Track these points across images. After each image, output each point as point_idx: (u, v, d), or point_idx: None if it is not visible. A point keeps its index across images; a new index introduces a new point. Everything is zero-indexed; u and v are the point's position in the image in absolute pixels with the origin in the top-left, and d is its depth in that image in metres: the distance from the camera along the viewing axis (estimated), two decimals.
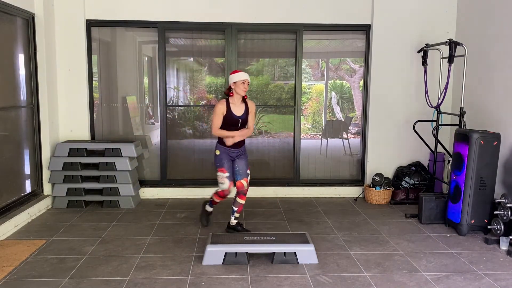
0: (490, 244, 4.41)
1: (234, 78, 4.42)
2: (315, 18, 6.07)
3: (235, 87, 4.42)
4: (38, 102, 5.56)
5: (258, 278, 3.65)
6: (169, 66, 6.24)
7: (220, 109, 4.44)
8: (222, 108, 4.45)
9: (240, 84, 4.41)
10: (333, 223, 5.09)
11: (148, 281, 3.58)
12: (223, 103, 4.47)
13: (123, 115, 6.29)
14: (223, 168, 4.50)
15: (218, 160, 4.53)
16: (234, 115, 4.47)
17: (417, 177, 5.95)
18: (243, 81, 4.41)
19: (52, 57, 5.75)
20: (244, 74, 4.45)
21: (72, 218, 5.18)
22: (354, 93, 6.55)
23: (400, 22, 6.03)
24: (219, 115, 4.45)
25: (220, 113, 4.45)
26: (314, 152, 6.57)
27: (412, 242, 4.49)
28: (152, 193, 6.14)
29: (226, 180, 4.48)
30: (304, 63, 6.34)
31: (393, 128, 6.19)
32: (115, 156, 5.61)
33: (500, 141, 4.63)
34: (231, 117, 4.46)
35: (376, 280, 3.63)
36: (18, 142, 5.32)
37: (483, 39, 5.37)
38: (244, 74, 4.44)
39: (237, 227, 4.67)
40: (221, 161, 4.51)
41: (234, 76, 4.43)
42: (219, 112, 4.44)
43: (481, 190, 4.61)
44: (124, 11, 5.93)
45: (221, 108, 4.45)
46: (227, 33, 6.10)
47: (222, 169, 4.50)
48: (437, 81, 5.92)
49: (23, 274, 3.68)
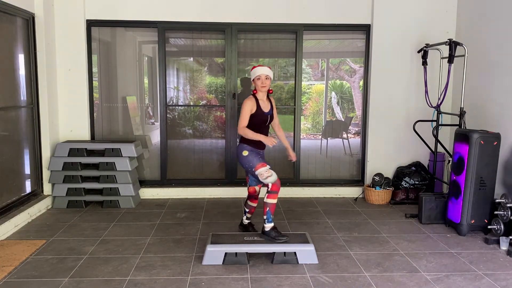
0: (490, 244, 4.41)
1: (251, 76, 4.23)
2: (315, 18, 6.07)
3: (254, 84, 4.21)
4: (38, 102, 5.56)
5: (258, 278, 3.65)
6: (169, 66, 6.24)
7: (249, 105, 4.13)
8: (251, 105, 4.14)
9: (256, 81, 4.18)
10: (333, 223, 5.09)
11: (148, 281, 3.58)
12: (252, 99, 4.18)
13: (123, 115, 6.29)
14: (260, 163, 4.09)
15: (248, 160, 4.13)
16: (264, 112, 4.21)
17: (417, 177, 5.95)
18: (258, 77, 4.16)
19: (52, 57, 5.75)
20: (260, 69, 4.17)
21: (72, 218, 5.18)
22: (354, 93, 6.55)
23: (400, 22, 6.03)
24: (247, 112, 4.13)
25: (249, 110, 4.13)
26: (314, 152, 6.57)
27: (412, 242, 4.49)
28: (152, 193, 6.14)
29: (271, 170, 4.06)
30: (304, 63, 6.34)
31: (393, 128, 6.19)
32: (115, 156, 5.61)
33: (500, 141, 4.63)
34: (262, 113, 4.19)
35: (376, 280, 3.63)
36: (18, 142, 5.32)
37: (483, 39, 5.37)
38: (260, 69, 4.17)
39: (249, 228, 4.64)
40: (253, 159, 4.12)
41: (251, 73, 4.23)
42: (248, 109, 4.13)
43: (481, 190, 4.61)
44: (124, 11, 5.93)
45: (250, 104, 4.14)
46: (227, 33, 6.10)
47: (261, 164, 4.08)
48: (437, 81, 5.92)
49: (23, 274, 3.68)
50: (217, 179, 6.37)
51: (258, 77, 4.16)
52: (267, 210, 4.06)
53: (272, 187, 4.03)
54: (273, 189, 4.03)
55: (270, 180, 4.02)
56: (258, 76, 4.15)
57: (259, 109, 4.19)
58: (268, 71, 4.18)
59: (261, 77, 4.15)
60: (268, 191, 4.05)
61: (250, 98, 4.19)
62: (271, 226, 4.07)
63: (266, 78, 4.15)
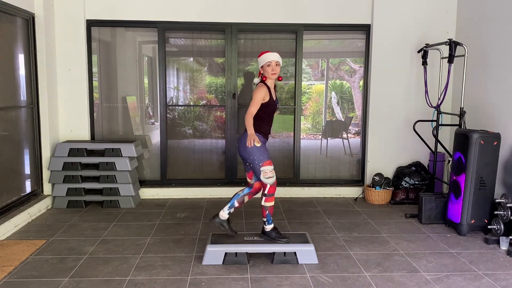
0: (490, 244, 4.41)
1: (260, 62, 3.97)
2: (315, 18, 6.07)
3: (263, 71, 3.96)
4: (38, 102, 5.56)
5: (258, 278, 3.65)
6: (169, 66, 6.24)
7: (262, 93, 3.86)
8: (264, 93, 3.88)
9: (266, 67, 3.92)
10: (333, 223, 5.09)
11: (148, 281, 3.58)
12: (264, 87, 3.91)
13: (123, 115, 6.29)
14: (269, 160, 3.90)
15: (260, 152, 3.86)
16: (274, 100, 4.01)
17: (417, 177, 5.95)
18: (269, 63, 3.91)
19: (52, 57, 5.75)
20: (270, 54, 3.92)
21: (72, 218, 5.18)
22: (354, 93, 6.55)
23: (400, 22, 6.03)
24: (259, 100, 3.85)
25: (261, 98, 3.86)
26: (314, 152, 6.57)
27: (412, 242, 4.48)
28: (152, 193, 6.14)
29: (274, 172, 3.93)
30: (304, 63, 6.34)
31: (393, 128, 6.19)
32: (115, 156, 5.61)
33: (500, 141, 4.63)
34: (274, 103, 3.98)
35: (376, 280, 3.63)
36: (18, 142, 5.31)
37: (483, 39, 5.37)
38: (270, 55, 3.92)
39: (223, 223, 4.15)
40: (264, 153, 3.87)
41: (260, 59, 3.96)
42: (260, 96, 3.85)
43: (481, 190, 4.61)
44: (124, 11, 5.93)
45: (263, 92, 3.87)
46: (227, 33, 6.10)
47: (269, 162, 3.90)
48: (437, 81, 5.92)
49: (23, 274, 3.68)
50: (217, 179, 6.37)
51: (268, 64, 3.92)
52: (266, 213, 3.99)
53: (270, 190, 3.93)
54: (270, 191, 3.93)
55: (271, 181, 3.91)
56: (268, 62, 3.92)
57: (271, 98, 3.97)
58: (278, 57, 3.96)
59: (271, 64, 3.92)
60: (265, 194, 3.94)
61: (262, 86, 3.93)
62: (272, 227, 4.06)
63: (276, 64, 3.93)
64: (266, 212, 3.99)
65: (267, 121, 4.04)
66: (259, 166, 3.87)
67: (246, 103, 6.22)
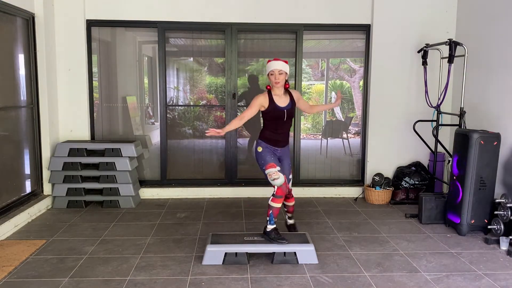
0: (490, 244, 4.41)
1: (266, 70, 4.06)
2: (315, 18, 6.07)
3: (269, 80, 4.06)
4: (38, 102, 5.56)
5: (258, 278, 3.65)
6: (169, 66, 6.24)
7: (258, 100, 4.01)
8: (261, 100, 4.01)
9: (270, 76, 4.01)
10: (333, 223, 5.09)
11: (148, 281, 3.58)
12: (264, 94, 4.04)
13: (123, 115, 6.29)
14: (271, 163, 3.98)
15: (261, 157, 4.04)
16: (279, 107, 4.02)
17: (417, 177, 5.95)
18: (271, 73, 3.98)
19: (52, 57, 5.75)
20: (272, 64, 3.99)
21: (72, 218, 5.18)
22: (354, 93, 6.55)
23: (400, 22, 6.03)
24: (254, 106, 3.99)
25: (257, 105, 4.00)
26: (314, 152, 6.57)
27: (412, 242, 4.48)
28: (152, 193, 6.14)
29: (280, 173, 3.95)
30: (304, 63, 6.34)
31: (393, 128, 6.19)
32: (115, 156, 5.61)
33: (500, 141, 4.63)
34: (274, 109, 4.02)
35: (376, 280, 3.63)
36: (18, 142, 5.32)
37: (483, 39, 5.37)
38: (272, 64, 3.99)
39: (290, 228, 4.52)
40: (265, 157, 4.01)
41: (266, 67, 4.07)
42: (256, 103, 4.00)
43: (481, 190, 4.61)
44: (124, 11, 5.93)
45: (260, 99, 4.01)
46: (227, 33, 6.10)
47: (271, 164, 3.97)
48: (437, 81, 5.92)
49: (23, 274, 3.68)
50: (217, 179, 6.37)
51: (271, 73, 3.99)
52: (270, 213, 4.02)
53: (277, 191, 3.96)
54: (278, 193, 3.96)
55: (276, 182, 3.93)
56: (271, 71, 3.99)
57: (272, 104, 4.01)
58: (281, 65, 3.97)
59: (274, 73, 3.97)
60: (273, 195, 3.99)
61: (263, 94, 4.05)
62: (272, 228, 4.06)
63: (279, 73, 3.96)
64: (270, 211, 4.03)
65: (271, 128, 4.11)
66: (264, 169, 4.02)
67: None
